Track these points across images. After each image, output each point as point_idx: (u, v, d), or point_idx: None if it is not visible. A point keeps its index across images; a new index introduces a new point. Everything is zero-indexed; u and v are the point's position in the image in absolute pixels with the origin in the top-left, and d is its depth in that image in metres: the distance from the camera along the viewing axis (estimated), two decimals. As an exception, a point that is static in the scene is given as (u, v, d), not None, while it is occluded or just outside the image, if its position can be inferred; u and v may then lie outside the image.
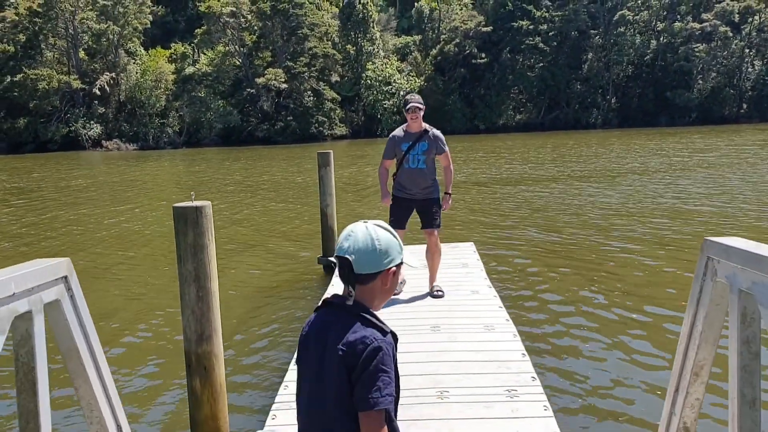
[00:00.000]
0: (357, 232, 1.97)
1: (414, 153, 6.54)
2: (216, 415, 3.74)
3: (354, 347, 1.85)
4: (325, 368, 1.92)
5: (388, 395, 1.86)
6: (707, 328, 2.06)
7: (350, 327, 1.90)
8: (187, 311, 3.63)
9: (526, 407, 4.26)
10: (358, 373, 1.85)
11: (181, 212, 3.58)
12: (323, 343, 1.94)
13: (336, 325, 1.93)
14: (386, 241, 1.97)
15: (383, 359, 1.86)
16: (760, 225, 12.16)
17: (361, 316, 1.93)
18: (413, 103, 6.48)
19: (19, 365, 1.85)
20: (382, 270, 1.97)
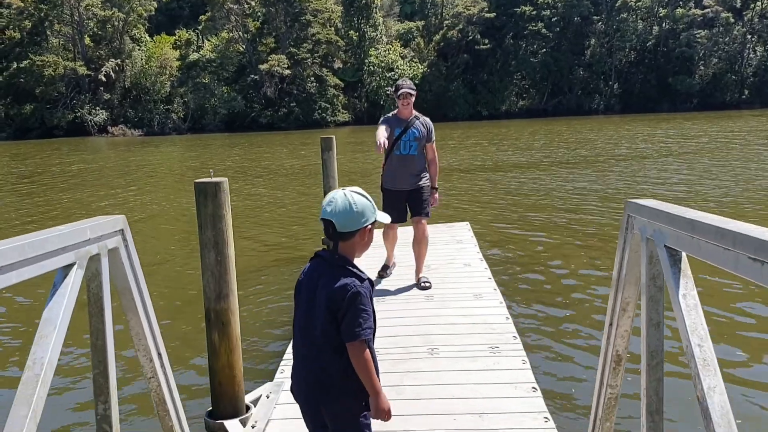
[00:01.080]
0: (337, 198, 2.40)
1: (406, 139, 6.41)
2: (232, 365, 4.26)
3: (338, 293, 2.32)
4: (315, 309, 2.39)
5: (368, 328, 2.34)
6: (629, 270, 2.59)
7: (335, 276, 2.37)
8: (207, 273, 4.15)
9: (507, 361, 4.81)
10: (343, 313, 2.32)
11: (202, 187, 4.10)
12: (313, 289, 2.42)
13: (324, 274, 2.40)
14: (361, 203, 2.41)
15: (362, 301, 2.34)
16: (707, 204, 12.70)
17: (344, 268, 2.39)
18: (405, 88, 6.37)
19: (90, 295, 2.38)
20: (360, 228, 2.42)
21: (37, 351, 1.98)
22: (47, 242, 2.03)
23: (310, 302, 2.42)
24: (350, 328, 2.31)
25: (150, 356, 2.75)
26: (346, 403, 2.43)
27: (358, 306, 2.32)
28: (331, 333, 2.35)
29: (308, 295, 2.44)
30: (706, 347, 1.95)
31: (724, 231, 1.74)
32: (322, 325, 2.36)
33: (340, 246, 2.43)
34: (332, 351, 2.37)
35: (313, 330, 2.39)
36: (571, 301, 7.54)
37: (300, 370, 2.49)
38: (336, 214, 2.38)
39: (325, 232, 2.43)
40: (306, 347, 2.44)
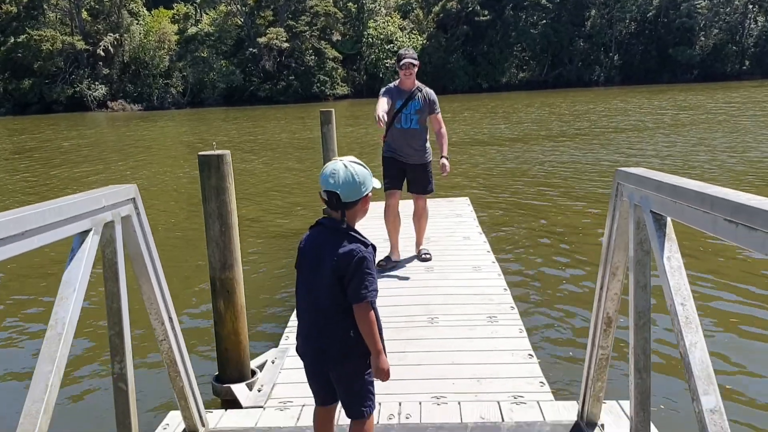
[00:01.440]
0: (338, 170, 2.50)
1: (407, 112, 6.16)
2: (237, 331, 4.41)
3: (345, 258, 2.45)
4: (321, 274, 2.51)
5: (373, 291, 2.48)
6: (619, 236, 2.71)
7: (340, 243, 2.49)
8: (212, 243, 4.28)
9: (504, 330, 4.97)
10: (349, 277, 2.44)
11: (206, 159, 4.21)
12: (318, 255, 2.54)
13: (328, 241, 2.52)
14: (362, 173, 2.54)
15: (368, 265, 2.47)
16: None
17: (348, 234, 2.52)
18: (408, 58, 6.11)
19: (105, 260, 2.50)
20: (362, 197, 2.56)
21: (58, 311, 2.10)
22: (65, 209, 2.15)
23: (315, 268, 2.54)
24: (357, 291, 2.44)
25: (161, 319, 2.88)
26: (351, 362, 2.57)
27: (364, 270, 2.45)
28: (337, 296, 2.48)
29: (313, 261, 2.56)
30: (689, 306, 2.07)
31: (703, 195, 1.85)
32: (328, 288, 2.48)
33: (347, 215, 2.54)
34: (338, 313, 2.50)
35: (320, 293, 2.51)
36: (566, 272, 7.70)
37: (307, 333, 2.61)
38: (340, 186, 2.48)
39: (328, 203, 2.53)
40: (313, 310, 2.56)
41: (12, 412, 4.80)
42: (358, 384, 2.61)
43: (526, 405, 3.73)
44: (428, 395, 3.91)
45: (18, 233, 1.87)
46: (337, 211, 2.53)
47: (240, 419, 3.75)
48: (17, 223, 1.86)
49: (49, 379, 1.97)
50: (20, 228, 1.88)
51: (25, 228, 1.91)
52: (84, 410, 4.87)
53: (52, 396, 1.98)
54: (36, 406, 1.93)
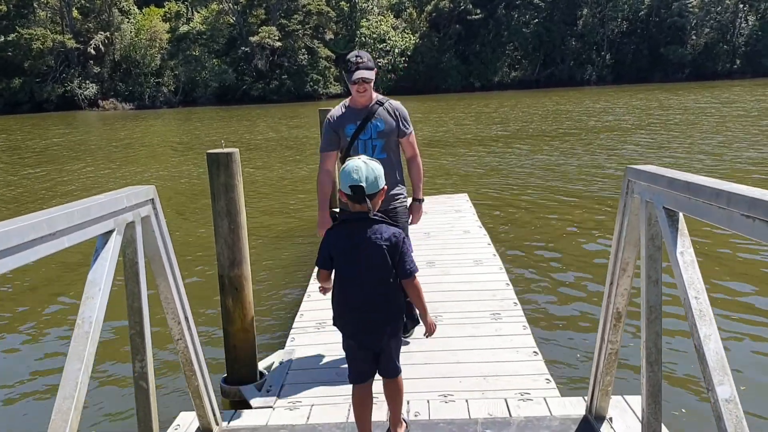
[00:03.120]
0: (361, 166, 2.82)
1: (365, 137, 4.24)
2: (245, 329, 4.45)
3: (393, 239, 2.85)
4: (373, 261, 2.86)
5: (415, 264, 2.93)
6: (629, 232, 2.77)
7: (377, 230, 2.85)
8: (220, 241, 4.31)
9: (508, 327, 5.02)
10: (398, 257, 2.85)
11: (214, 157, 4.24)
12: (359, 245, 2.86)
13: (368, 230, 2.85)
14: (378, 169, 2.88)
15: (408, 243, 2.91)
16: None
17: (382, 222, 2.89)
18: (361, 70, 4.05)
19: (126, 260, 2.54)
20: (381, 189, 2.89)
21: (85, 311, 2.13)
22: (91, 210, 2.18)
23: (358, 256, 2.88)
24: (405, 267, 2.88)
25: (178, 319, 2.92)
26: (399, 321, 3.04)
27: (406, 249, 2.89)
28: (388, 271, 2.87)
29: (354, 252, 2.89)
30: (702, 299, 2.13)
31: (719, 191, 1.91)
32: (378, 269, 2.86)
33: (371, 205, 2.85)
34: (389, 288, 2.91)
35: (374, 271, 2.88)
36: (567, 266, 7.77)
37: (359, 314, 2.97)
38: (364, 180, 2.80)
39: (352, 196, 2.83)
40: (364, 292, 2.92)
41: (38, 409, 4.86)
42: (396, 344, 3.09)
43: (533, 401, 3.78)
44: (435, 393, 3.96)
45: (49, 233, 1.91)
46: (361, 204, 2.84)
47: (252, 418, 3.79)
48: (49, 224, 1.90)
49: (78, 377, 2.00)
50: (52, 228, 1.91)
51: (56, 228, 1.95)
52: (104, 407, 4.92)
53: (82, 393, 2.01)
54: (67, 404, 1.97)
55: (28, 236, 1.81)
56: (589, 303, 6.55)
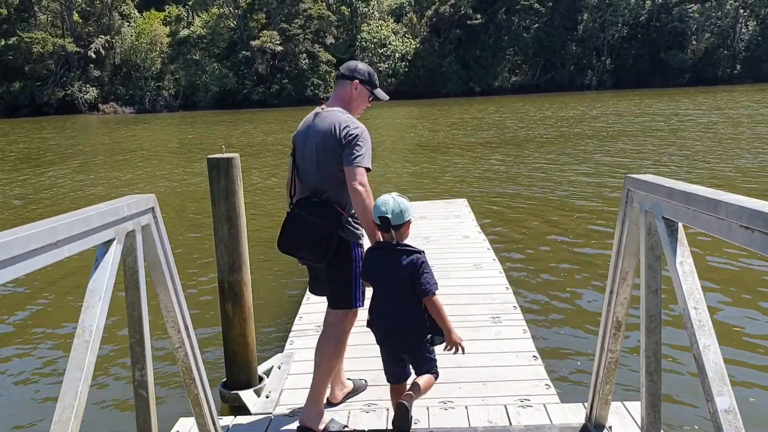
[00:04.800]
0: (388, 201, 3.24)
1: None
2: (245, 334, 4.45)
3: (411, 265, 3.20)
4: (396, 283, 3.24)
5: (435, 284, 3.24)
6: (629, 242, 2.77)
7: (403, 256, 3.23)
8: (220, 246, 4.32)
9: (508, 331, 5.02)
10: (417, 278, 3.18)
11: (215, 162, 4.25)
12: (390, 267, 3.25)
13: (394, 256, 3.25)
14: (405, 205, 3.27)
15: (426, 266, 3.23)
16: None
17: (405, 248, 3.26)
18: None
19: (126, 269, 2.54)
20: (406, 221, 3.28)
21: (85, 320, 2.13)
22: (92, 219, 2.19)
23: (387, 275, 3.28)
24: (424, 287, 3.19)
25: (178, 327, 2.92)
26: (422, 339, 3.31)
27: (425, 271, 3.21)
28: (410, 295, 3.23)
29: (387, 274, 3.29)
30: (701, 309, 2.13)
31: (717, 202, 1.91)
32: (402, 288, 3.23)
33: (396, 234, 3.26)
34: (412, 307, 3.26)
35: (396, 293, 3.26)
36: (567, 272, 7.77)
37: (391, 327, 3.34)
38: (390, 212, 3.22)
39: (380, 226, 3.26)
40: (393, 310, 3.30)
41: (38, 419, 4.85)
42: (424, 353, 3.37)
43: (532, 408, 3.78)
44: (435, 400, 3.94)
45: (50, 243, 1.91)
46: (388, 233, 3.25)
47: (251, 425, 3.79)
48: (50, 234, 1.90)
49: (78, 386, 2.00)
50: (52, 238, 1.92)
51: (57, 238, 1.95)
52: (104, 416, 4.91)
53: (82, 403, 2.01)
54: (67, 413, 1.96)
55: (29, 246, 1.81)
56: (590, 308, 6.56)
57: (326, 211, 3.41)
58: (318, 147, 3.46)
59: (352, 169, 3.32)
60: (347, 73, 3.67)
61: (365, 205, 3.31)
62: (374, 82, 3.74)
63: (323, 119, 3.51)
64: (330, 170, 3.43)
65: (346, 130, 3.39)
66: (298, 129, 3.68)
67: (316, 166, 3.48)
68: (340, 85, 3.69)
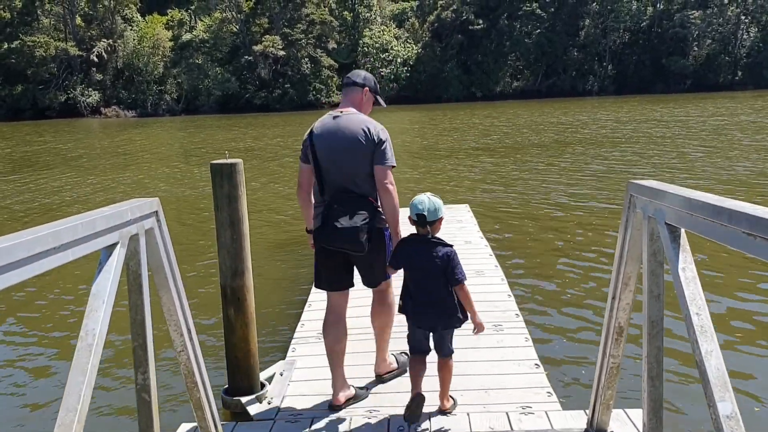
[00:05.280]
0: (425, 200, 3.63)
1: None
2: (247, 339, 4.44)
3: (445, 256, 3.60)
4: (431, 272, 3.63)
5: (463, 273, 3.64)
6: (632, 247, 2.77)
7: (437, 248, 3.63)
8: (223, 251, 4.31)
9: (510, 339, 5.01)
10: (450, 269, 3.59)
11: (218, 168, 4.25)
12: (425, 258, 3.64)
13: (430, 248, 3.63)
14: (438, 204, 3.66)
15: (456, 257, 3.64)
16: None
17: (440, 242, 3.66)
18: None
19: (129, 272, 2.55)
20: (439, 218, 3.67)
21: (88, 323, 2.14)
22: (96, 223, 2.19)
23: (421, 264, 3.67)
24: (456, 277, 3.61)
25: (180, 331, 2.92)
26: (453, 319, 3.72)
27: (456, 261, 3.62)
28: (443, 280, 3.63)
29: (422, 264, 3.67)
30: (704, 315, 2.13)
31: (720, 208, 1.92)
32: (436, 276, 3.63)
33: (430, 229, 3.65)
34: (445, 290, 3.66)
35: (433, 278, 3.65)
36: (569, 278, 7.75)
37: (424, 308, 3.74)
38: (426, 210, 3.62)
39: (417, 222, 3.65)
40: (426, 294, 3.70)
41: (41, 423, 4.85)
42: (448, 333, 3.82)
43: (534, 415, 3.77)
44: (436, 407, 3.94)
45: (54, 247, 1.92)
46: (424, 228, 3.65)
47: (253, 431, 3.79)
48: (54, 237, 1.91)
49: (81, 390, 2.01)
50: (57, 242, 1.92)
51: (61, 242, 1.96)
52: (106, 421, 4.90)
53: (85, 406, 2.02)
54: (70, 417, 1.97)
55: (34, 250, 1.82)
56: (591, 316, 6.54)
57: (362, 203, 3.73)
58: (349, 146, 3.73)
59: (384, 169, 3.72)
60: (358, 80, 3.99)
61: (395, 202, 3.77)
62: (378, 90, 4.13)
63: (348, 121, 3.78)
64: (362, 167, 3.74)
65: (376, 132, 3.74)
66: (314, 131, 3.87)
67: (349, 163, 3.75)
68: (351, 91, 3.98)
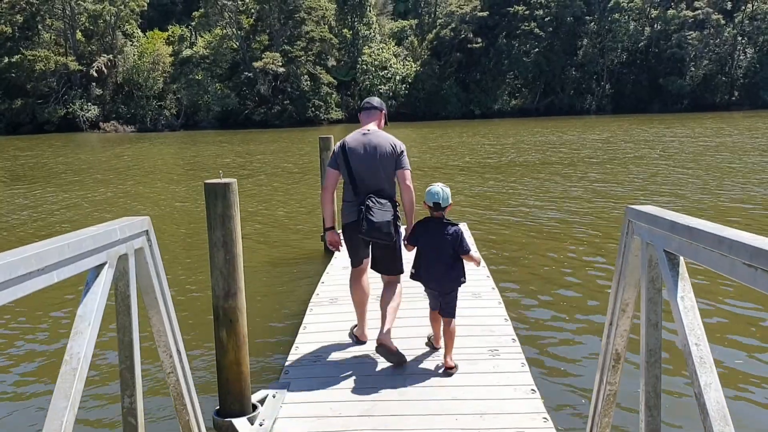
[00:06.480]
0: (438, 189, 4.67)
1: None
2: (239, 361, 4.37)
3: (454, 234, 4.68)
4: (442, 247, 4.68)
5: (469, 245, 4.85)
6: (629, 273, 2.73)
7: (447, 226, 4.69)
8: (216, 271, 4.26)
9: (506, 364, 4.93)
10: (459, 243, 4.67)
11: (212, 188, 4.21)
12: (438, 236, 4.69)
13: (442, 227, 4.69)
14: (448, 192, 4.71)
15: (463, 234, 4.75)
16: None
17: (450, 222, 4.71)
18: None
19: (118, 293, 2.50)
20: (449, 204, 4.71)
21: (73, 346, 2.09)
22: (83, 243, 2.15)
23: (436, 241, 4.71)
24: (464, 248, 4.72)
25: (170, 352, 2.87)
26: (456, 282, 4.78)
27: (463, 238, 4.74)
28: (451, 252, 4.69)
29: (435, 240, 4.71)
30: (703, 346, 2.09)
31: (721, 238, 1.87)
32: (447, 249, 4.69)
33: (444, 212, 4.70)
34: (454, 260, 4.73)
35: (444, 254, 4.70)
36: (567, 302, 7.66)
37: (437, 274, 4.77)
38: (441, 197, 4.65)
39: (433, 208, 4.69)
40: (439, 265, 4.72)
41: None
42: (454, 296, 4.83)
43: (529, 440, 3.71)
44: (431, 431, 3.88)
45: (38, 269, 1.87)
46: (438, 212, 4.69)
47: (243, 452, 3.72)
48: (38, 259, 1.86)
49: (64, 416, 1.95)
50: (41, 263, 1.88)
51: (46, 263, 1.91)
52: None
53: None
54: (51, 444, 1.91)
55: (17, 272, 1.77)
56: (588, 341, 6.45)
57: (390, 202, 4.89)
58: (380, 156, 4.89)
59: (405, 172, 4.92)
60: (378, 105, 5.29)
61: (413, 197, 4.97)
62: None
63: (377, 136, 4.98)
64: (389, 173, 4.92)
65: (398, 145, 4.97)
66: (348, 144, 5.00)
67: (381, 170, 4.90)
68: (372, 114, 5.23)
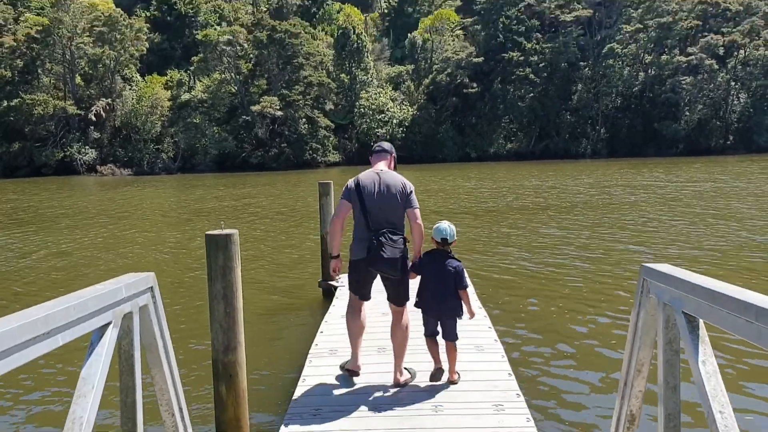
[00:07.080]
0: (446, 226, 5.24)
1: None
2: (239, 418, 4.28)
3: (457, 267, 5.17)
4: (444, 278, 5.16)
5: (468, 282, 5.68)
6: (645, 333, 2.67)
7: (451, 260, 5.20)
8: (215, 325, 4.19)
9: (511, 419, 4.81)
10: (459, 279, 5.17)
11: (213, 239, 4.16)
12: (443, 267, 5.18)
13: (445, 261, 5.19)
14: (454, 230, 5.28)
15: (464, 271, 5.32)
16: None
17: (453, 256, 5.23)
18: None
19: (121, 353, 2.43)
20: (455, 239, 5.26)
21: (76, 410, 2.02)
22: (89, 303, 2.09)
23: (439, 272, 5.19)
24: (462, 283, 5.20)
25: (172, 411, 2.79)
26: (455, 311, 5.23)
27: (464, 273, 5.28)
28: (453, 287, 5.18)
29: (438, 272, 5.19)
30: (727, 413, 2.02)
31: (747, 304, 1.82)
32: (448, 283, 5.16)
33: (449, 247, 5.24)
34: (453, 294, 5.20)
35: (445, 285, 5.18)
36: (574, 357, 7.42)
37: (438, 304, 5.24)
38: (448, 234, 5.22)
39: (441, 243, 5.25)
40: (440, 293, 5.20)
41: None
42: (453, 323, 5.30)
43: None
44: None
45: (44, 332, 1.81)
46: (444, 247, 5.24)
47: None
48: (45, 322, 1.80)
49: (65, 486, 1.87)
50: (47, 327, 1.82)
51: (51, 327, 1.85)
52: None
53: (68, 504, 1.87)
54: None
55: (23, 337, 1.71)
56: (597, 398, 6.27)
57: (400, 237, 5.22)
58: (392, 194, 5.26)
59: (415, 211, 5.32)
60: (389, 149, 5.74)
61: (423, 232, 5.36)
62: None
63: (390, 177, 5.37)
64: (400, 210, 5.29)
65: (408, 185, 5.38)
66: (362, 182, 5.34)
67: (392, 207, 5.25)
68: (383, 156, 5.64)
